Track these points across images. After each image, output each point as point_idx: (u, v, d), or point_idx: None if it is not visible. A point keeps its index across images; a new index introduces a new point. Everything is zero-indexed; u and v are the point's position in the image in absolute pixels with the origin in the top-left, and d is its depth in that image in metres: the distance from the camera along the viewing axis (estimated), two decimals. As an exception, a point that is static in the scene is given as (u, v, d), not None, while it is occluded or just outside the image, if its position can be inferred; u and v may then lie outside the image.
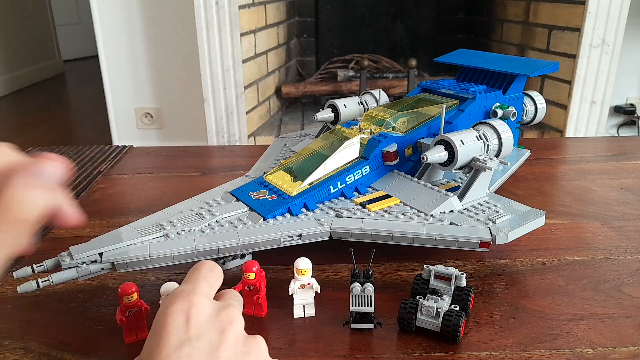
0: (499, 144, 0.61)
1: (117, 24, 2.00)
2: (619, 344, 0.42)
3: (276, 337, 0.44)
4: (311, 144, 0.65)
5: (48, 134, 2.83)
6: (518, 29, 2.18)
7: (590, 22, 1.76)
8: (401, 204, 0.56)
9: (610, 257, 0.56)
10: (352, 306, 0.43)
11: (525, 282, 0.51)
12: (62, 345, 0.43)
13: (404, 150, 0.63)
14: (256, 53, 2.00)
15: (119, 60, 2.05)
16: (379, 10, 2.50)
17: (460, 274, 0.45)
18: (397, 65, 2.36)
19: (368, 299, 0.43)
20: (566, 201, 0.70)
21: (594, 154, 0.89)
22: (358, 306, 0.43)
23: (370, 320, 0.44)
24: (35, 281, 0.43)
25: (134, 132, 2.15)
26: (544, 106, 0.76)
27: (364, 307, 0.43)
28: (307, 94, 2.29)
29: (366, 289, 0.43)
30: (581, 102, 1.88)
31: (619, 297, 0.49)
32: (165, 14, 2.00)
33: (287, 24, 2.36)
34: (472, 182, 0.56)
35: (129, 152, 0.91)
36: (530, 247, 0.57)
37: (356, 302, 0.43)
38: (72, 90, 3.95)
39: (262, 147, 0.87)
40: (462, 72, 0.76)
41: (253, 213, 0.54)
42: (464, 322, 0.43)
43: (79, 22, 4.53)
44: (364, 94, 0.77)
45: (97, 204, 0.70)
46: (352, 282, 0.43)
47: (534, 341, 0.43)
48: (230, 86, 1.87)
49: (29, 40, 3.82)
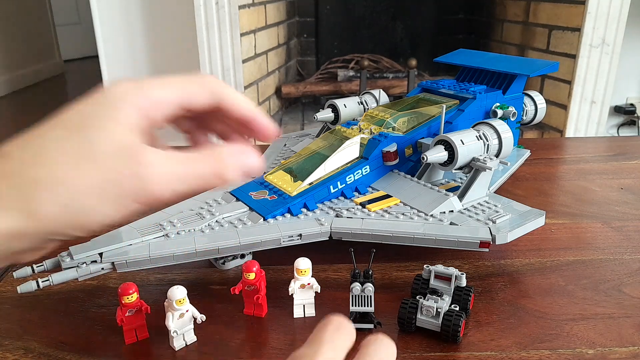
0: (499, 144, 0.61)
1: (117, 24, 2.00)
2: (619, 344, 0.42)
3: (276, 337, 0.44)
4: (311, 144, 0.65)
5: (48, 134, 2.82)
6: (518, 29, 2.18)
7: (590, 22, 1.76)
8: (401, 204, 0.56)
9: (610, 257, 0.56)
10: (352, 306, 0.43)
11: (525, 282, 0.51)
12: (62, 345, 0.43)
13: (404, 150, 0.63)
14: (256, 53, 2.00)
15: (119, 60, 2.05)
16: (379, 10, 2.50)
17: (460, 274, 0.45)
18: (397, 65, 2.36)
19: (368, 299, 0.43)
20: (566, 201, 0.70)
21: (594, 154, 0.89)
22: (358, 306, 0.43)
23: (370, 320, 0.44)
24: (35, 281, 0.43)
25: (134, 132, 2.15)
26: (544, 106, 0.76)
27: (364, 307, 0.43)
28: (307, 94, 2.29)
29: (366, 289, 0.43)
30: (581, 102, 1.88)
31: (619, 297, 0.49)
32: (165, 14, 1.99)
33: (287, 24, 2.36)
34: (472, 182, 0.56)
35: (129, 152, 0.91)
36: (530, 247, 0.57)
37: (356, 302, 0.43)
38: (72, 90, 3.95)
39: (262, 147, 0.87)
40: (462, 72, 0.76)
41: (253, 213, 0.54)
42: (464, 322, 0.43)
43: (79, 22, 4.53)
44: (364, 94, 0.77)
45: (97, 204, 0.70)
46: (352, 282, 0.43)
47: (534, 341, 0.43)
48: (230, 86, 1.87)
49: (29, 40, 3.82)
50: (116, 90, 0.28)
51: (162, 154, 0.27)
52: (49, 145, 0.26)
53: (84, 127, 0.27)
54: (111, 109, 0.27)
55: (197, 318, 0.42)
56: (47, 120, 0.27)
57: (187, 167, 0.28)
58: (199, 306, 0.42)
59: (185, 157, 0.28)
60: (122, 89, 0.28)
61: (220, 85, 0.31)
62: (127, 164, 0.26)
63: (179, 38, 2.00)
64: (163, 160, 0.27)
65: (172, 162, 0.27)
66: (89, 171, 0.26)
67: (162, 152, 0.28)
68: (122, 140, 0.26)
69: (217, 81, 0.31)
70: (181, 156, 0.28)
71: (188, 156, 0.28)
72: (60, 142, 0.26)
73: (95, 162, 0.26)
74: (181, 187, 0.28)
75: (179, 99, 0.29)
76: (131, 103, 0.28)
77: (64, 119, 0.27)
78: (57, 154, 0.26)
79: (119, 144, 0.26)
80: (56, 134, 0.27)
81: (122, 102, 0.27)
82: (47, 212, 0.25)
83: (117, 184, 0.26)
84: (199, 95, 0.30)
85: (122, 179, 0.26)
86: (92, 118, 0.27)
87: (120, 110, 0.27)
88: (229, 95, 0.31)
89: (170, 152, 0.28)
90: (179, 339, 0.43)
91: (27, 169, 0.25)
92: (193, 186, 0.28)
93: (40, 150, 0.26)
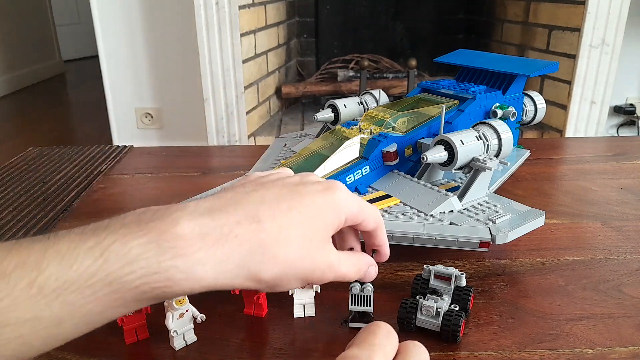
0: (498, 144, 0.61)
1: (117, 24, 2.01)
2: (619, 344, 0.42)
3: (276, 337, 0.44)
4: (311, 144, 0.65)
5: (48, 134, 2.83)
6: (518, 29, 2.18)
7: (590, 22, 1.76)
8: (401, 204, 0.56)
9: (610, 257, 0.56)
10: (351, 305, 0.43)
11: (525, 282, 0.51)
12: (62, 345, 0.43)
13: (404, 150, 0.63)
14: (256, 53, 2.00)
15: (119, 60, 2.05)
16: (378, 10, 2.50)
17: (460, 274, 0.45)
18: (397, 65, 2.37)
19: (367, 299, 0.43)
20: (566, 201, 0.70)
21: (594, 154, 0.89)
22: (357, 305, 0.43)
23: (369, 320, 0.44)
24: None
25: (134, 132, 2.15)
26: (543, 106, 0.76)
27: (363, 307, 0.43)
28: (307, 94, 2.30)
29: (365, 289, 0.43)
30: (581, 102, 1.88)
31: (619, 297, 0.49)
32: (165, 14, 2.00)
33: (287, 24, 2.36)
34: (472, 182, 0.56)
35: (129, 152, 0.91)
36: (530, 247, 0.57)
37: (355, 301, 0.43)
38: (72, 90, 3.96)
39: (262, 147, 0.87)
40: (462, 72, 0.76)
41: (253, 213, 0.53)
42: (463, 322, 0.43)
43: (79, 22, 4.54)
44: (364, 94, 0.77)
45: (97, 204, 0.70)
46: (352, 282, 0.43)
47: (533, 341, 0.43)
48: (230, 86, 1.87)
49: (29, 40, 3.82)
50: (341, 197, 0.35)
51: (337, 251, 0.36)
52: (291, 226, 0.33)
53: (315, 218, 0.34)
54: (335, 211, 0.35)
55: (197, 318, 0.42)
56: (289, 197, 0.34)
57: (354, 259, 0.38)
58: (199, 306, 0.42)
59: (351, 254, 0.38)
60: (344, 200, 0.36)
61: (380, 218, 0.39)
62: (322, 255, 0.34)
63: (179, 38, 2.00)
64: (338, 255, 0.36)
65: (345, 256, 0.37)
66: (305, 254, 0.33)
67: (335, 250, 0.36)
68: (325, 235, 0.35)
69: (379, 214, 0.39)
70: (347, 253, 0.38)
71: (352, 253, 0.38)
72: (299, 227, 0.33)
73: (309, 247, 0.33)
74: (352, 272, 0.37)
75: (358, 222, 0.37)
76: (345, 213, 0.36)
77: (305, 204, 0.34)
78: (296, 234, 0.33)
79: (324, 237, 0.35)
80: (298, 219, 0.33)
81: (340, 210, 0.35)
82: (267, 277, 0.32)
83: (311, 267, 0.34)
84: (369, 224, 0.38)
85: (316, 266, 0.34)
86: (321, 211, 0.34)
87: (337, 217, 0.35)
88: (382, 228, 0.40)
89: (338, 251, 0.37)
90: (179, 338, 0.43)
91: (272, 242, 0.31)
92: (358, 274, 0.38)
93: (285, 227, 0.32)
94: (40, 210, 0.67)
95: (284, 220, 0.32)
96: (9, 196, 0.72)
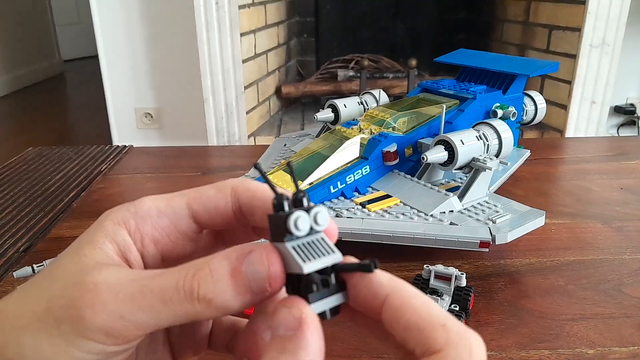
0: (499, 144, 0.61)
1: (117, 24, 2.00)
2: (619, 344, 0.42)
3: (276, 337, 0.44)
4: (311, 144, 0.65)
5: (48, 134, 2.83)
6: (518, 29, 2.18)
7: (590, 22, 1.76)
8: (401, 204, 0.56)
9: (610, 257, 0.56)
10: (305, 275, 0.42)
11: (525, 282, 0.51)
12: None
13: (404, 150, 0.63)
14: (256, 53, 2.00)
15: (119, 60, 2.05)
16: (379, 10, 2.50)
17: (460, 274, 0.45)
18: (397, 65, 2.36)
19: (321, 245, 0.42)
20: (566, 201, 0.70)
21: (594, 154, 0.89)
22: (310, 260, 0.42)
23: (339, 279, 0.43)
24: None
25: (134, 132, 2.15)
26: (544, 106, 0.76)
27: (320, 257, 0.42)
28: (307, 94, 2.29)
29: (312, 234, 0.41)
30: (581, 102, 1.88)
31: (619, 297, 0.49)
32: (165, 14, 1.99)
33: (287, 24, 2.36)
34: (472, 182, 0.56)
35: (129, 152, 0.91)
36: (530, 247, 0.57)
37: (305, 257, 0.42)
38: (72, 90, 3.96)
39: (262, 147, 0.87)
40: (462, 72, 0.76)
41: (253, 213, 0.53)
42: (464, 322, 0.43)
43: (79, 22, 4.54)
44: (364, 94, 0.77)
45: (97, 204, 0.70)
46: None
47: (533, 341, 0.43)
48: (230, 86, 1.87)
49: (29, 40, 3.82)
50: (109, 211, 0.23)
51: (119, 272, 0.20)
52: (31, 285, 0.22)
53: (64, 255, 0.22)
54: (93, 229, 0.23)
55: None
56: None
57: (145, 283, 0.20)
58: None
59: (153, 272, 0.20)
60: (116, 208, 0.23)
61: (243, 183, 0.25)
62: (65, 290, 0.20)
63: (178, 38, 2.00)
64: (114, 279, 0.20)
65: (125, 281, 0.20)
66: (31, 301, 0.21)
67: (125, 269, 0.21)
68: (79, 262, 0.21)
69: (239, 180, 0.25)
70: (147, 272, 0.20)
71: (157, 272, 0.20)
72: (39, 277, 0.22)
73: (39, 288, 0.21)
74: (133, 314, 0.19)
75: (181, 208, 0.24)
76: (112, 218, 0.23)
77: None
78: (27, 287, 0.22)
79: (72, 267, 0.21)
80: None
81: (103, 220, 0.23)
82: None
83: (51, 314, 0.20)
84: (215, 199, 0.24)
85: (56, 308, 0.20)
86: (76, 244, 0.22)
87: (99, 231, 0.22)
88: (257, 192, 0.24)
89: (140, 270, 0.21)
90: None
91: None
92: (153, 312, 0.19)
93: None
94: (39, 211, 0.67)
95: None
96: (8, 196, 0.72)
